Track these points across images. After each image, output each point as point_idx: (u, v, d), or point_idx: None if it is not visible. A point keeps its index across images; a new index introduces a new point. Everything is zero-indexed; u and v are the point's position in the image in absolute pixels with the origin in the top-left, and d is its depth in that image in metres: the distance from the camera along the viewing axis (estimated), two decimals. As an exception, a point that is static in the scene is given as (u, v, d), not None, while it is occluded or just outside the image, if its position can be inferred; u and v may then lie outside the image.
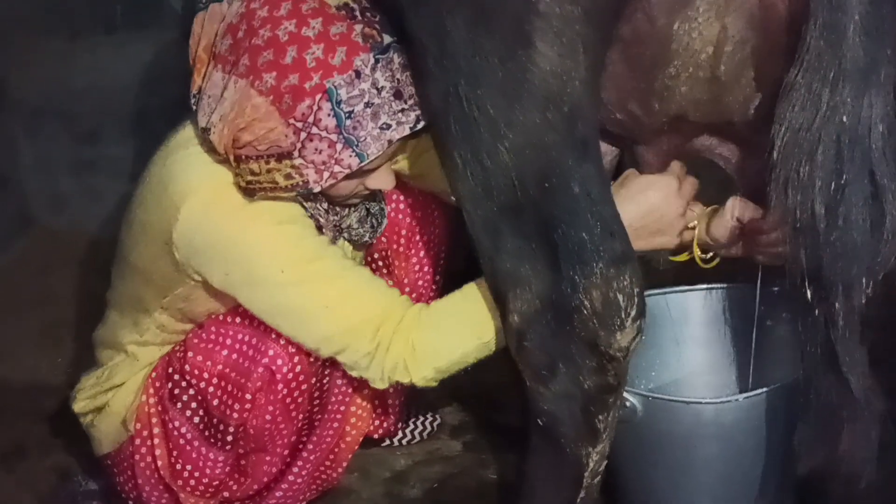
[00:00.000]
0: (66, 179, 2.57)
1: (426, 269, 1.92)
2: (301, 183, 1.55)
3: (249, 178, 1.57)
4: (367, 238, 1.77)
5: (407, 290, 1.88)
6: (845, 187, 1.32)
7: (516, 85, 1.34)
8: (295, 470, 1.82)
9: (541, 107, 1.34)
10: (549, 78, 1.33)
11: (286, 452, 1.79)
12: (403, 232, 1.89)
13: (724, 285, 1.82)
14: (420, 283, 1.92)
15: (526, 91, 1.34)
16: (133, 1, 2.47)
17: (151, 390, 1.76)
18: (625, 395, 1.55)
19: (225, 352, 1.68)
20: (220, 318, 1.70)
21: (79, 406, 1.83)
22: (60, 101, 2.51)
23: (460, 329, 1.59)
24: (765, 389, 1.63)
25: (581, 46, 1.32)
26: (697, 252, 1.63)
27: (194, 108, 1.61)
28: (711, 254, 1.65)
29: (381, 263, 1.90)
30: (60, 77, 2.50)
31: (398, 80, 1.52)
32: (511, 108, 1.35)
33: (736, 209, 1.58)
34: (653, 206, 1.51)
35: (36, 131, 2.55)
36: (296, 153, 1.53)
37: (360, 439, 1.90)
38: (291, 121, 1.52)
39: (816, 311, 1.39)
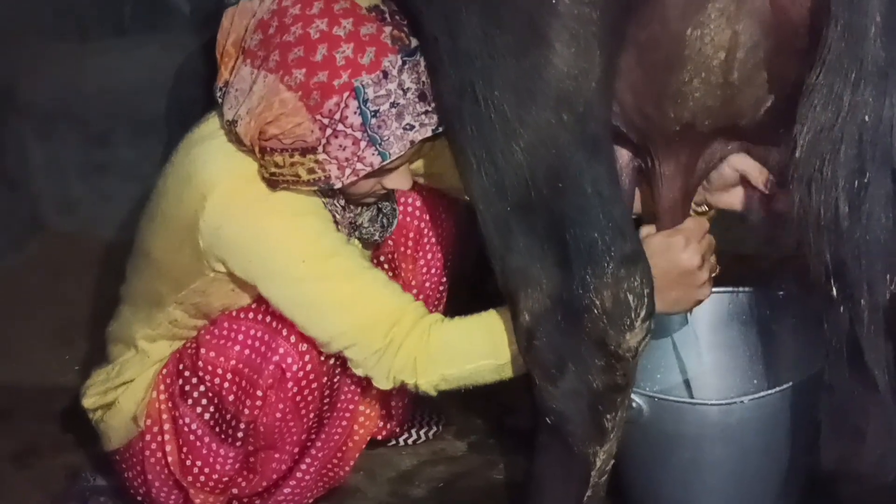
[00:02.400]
0: (77, 182, 2.58)
1: (434, 271, 1.93)
2: (323, 178, 1.58)
3: (273, 169, 1.59)
4: (376, 237, 1.79)
5: (414, 291, 1.90)
6: (868, 185, 1.33)
7: (531, 84, 1.35)
8: (303, 467, 1.83)
9: (555, 106, 1.36)
10: (565, 78, 1.34)
11: (295, 450, 1.80)
12: (411, 234, 1.91)
13: (731, 289, 1.84)
14: (427, 285, 1.93)
15: (540, 91, 1.35)
16: (142, 3, 2.48)
17: (162, 387, 1.78)
18: (631, 395, 1.56)
19: (237, 347, 1.70)
20: (233, 314, 1.72)
21: (89, 402, 1.84)
22: (71, 104, 2.52)
23: (478, 343, 1.60)
24: (770, 391, 1.65)
25: (597, 47, 1.34)
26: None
27: (220, 100, 1.63)
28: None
29: (387, 266, 1.92)
30: (71, 80, 2.51)
31: (423, 82, 1.55)
32: (525, 107, 1.36)
33: (741, 162, 1.57)
34: (670, 265, 1.52)
35: (47, 134, 2.56)
36: (320, 148, 1.56)
37: (368, 439, 1.91)
38: (318, 117, 1.54)
39: (841, 309, 1.40)
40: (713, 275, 1.61)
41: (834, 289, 1.39)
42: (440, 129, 1.56)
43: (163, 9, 2.49)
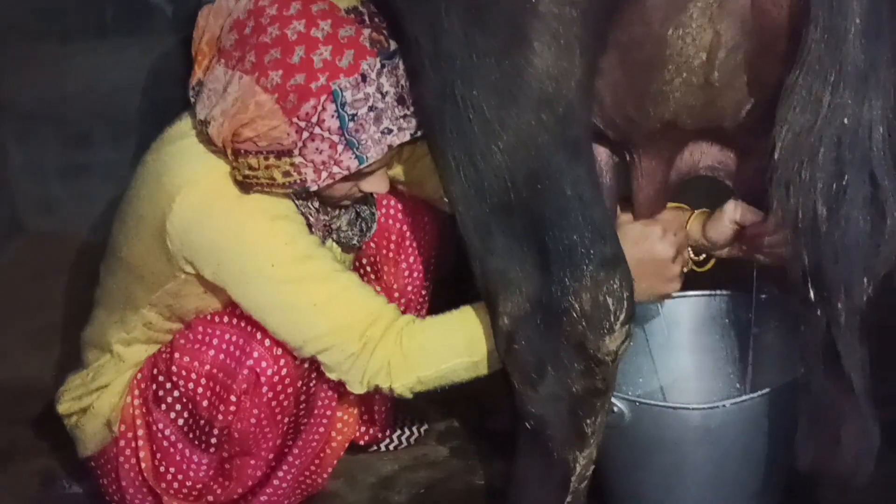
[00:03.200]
0: (57, 184, 2.56)
1: (416, 274, 1.92)
2: (298, 181, 1.56)
3: (247, 172, 1.58)
4: (355, 241, 1.77)
5: (396, 295, 1.89)
6: (846, 188, 1.34)
7: (512, 85, 1.35)
8: (280, 474, 1.82)
9: (535, 108, 1.35)
10: (545, 79, 1.34)
11: (271, 456, 1.78)
12: (393, 237, 1.89)
13: (712, 292, 1.84)
14: (409, 288, 1.92)
15: (521, 92, 1.35)
16: (124, 5, 2.47)
17: (136, 392, 1.76)
18: (612, 400, 1.56)
19: (212, 352, 1.69)
20: (208, 317, 1.70)
21: (63, 407, 1.82)
22: (51, 105, 2.50)
23: (452, 342, 1.60)
24: (752, 395, 1.65)
25: (577, 49, 1.34)
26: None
27: (192, 99, 1.62)
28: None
29: (369, 269, 1.91)
30: (51, 81, 2.50)
31: (402, 86, 1.54)
32: (506, 108, 1.36)
33: (736, 213, 1.59)
34: (644, 254, 1.53)
35: (27, 135, 2.54)
36: (296, 151, 1.54)
37: (347, 444, 1.90)
38: (295, 119, 1.53)
39: (818, 311, 1.40)
40: (685, 270, 1.60)
41: (811, 291, 1.39)
42: (419, 134, 1.56)
43: (144, 10, 2.48)
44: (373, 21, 1.56)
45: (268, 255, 1.59)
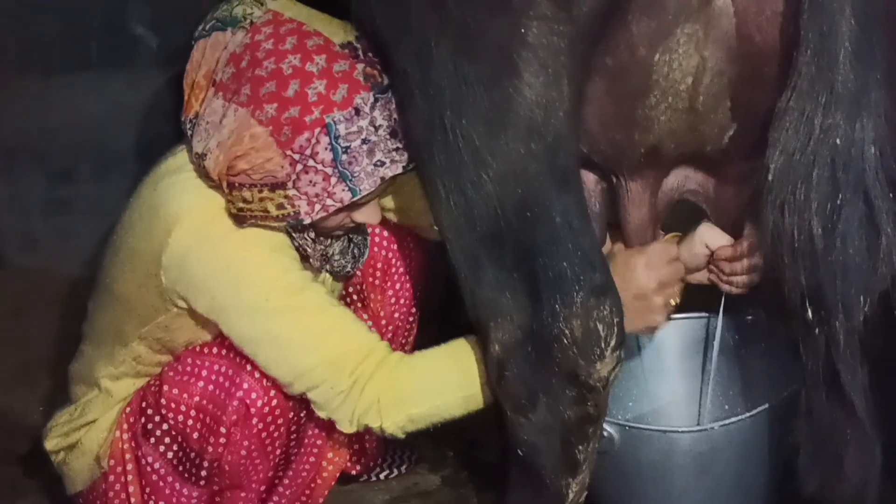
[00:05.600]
0: (40, 219, 2.54)
1: (402, 302, 1.92)
2: (292, 213, 1.57)
3: (241, 205, 1.58)
4: (348, 269, 1.77)
5: (383, 322, 1.89)
6: (841, 208, 1.35)
7: (501, 114, 1.36)
8: (271, 506, 1.81)
9: (524, 136, 1.37)
10: (534, 108, 1.35)
11: (262, 488, 1.77)
12: (379, 265, 1.90)
13: (700, 315, 1.85)
14: (396, 315, 1.92)
15: (510, 121, 1.36)
16: (109, 38, 2.47)
17: (125, 426, 1.75)
18: (603, 425, 1.56)
19: (201, 383, 1.68)
20: (197, 349, 1.70)
21: (51, 444, 1.81)
22: (34, 139, 2.49)
23: (445, 378, 1.59)
24: (740, 417, 1.65)
25: (565, 77, 1.35)
26: None
27: (188, 133, 1.62)
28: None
29: (356, 297, 1.91)
30: (34, 115, 2.48)
31: (395, 119, 1.55)
32: (495, 137, 1.37)
33: (706, 236, 1.61)
34: (625, 283, 1.52)
35: (9, 170, 2.52)
36: (290, 184, 1.55)
37: (337, 475, 1.89)
38: (289, 152, 1.54)
39: (817, 332, 1.41)
40: (673, 304, 1.60)
41: (809, 312, 1.40)
42: (411, 167, 1.56)
43: (129, 44, 2.48)
44: (366, 56, 1.57)
45: (262, 288, 1.59)
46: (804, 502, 1.55)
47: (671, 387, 1.85)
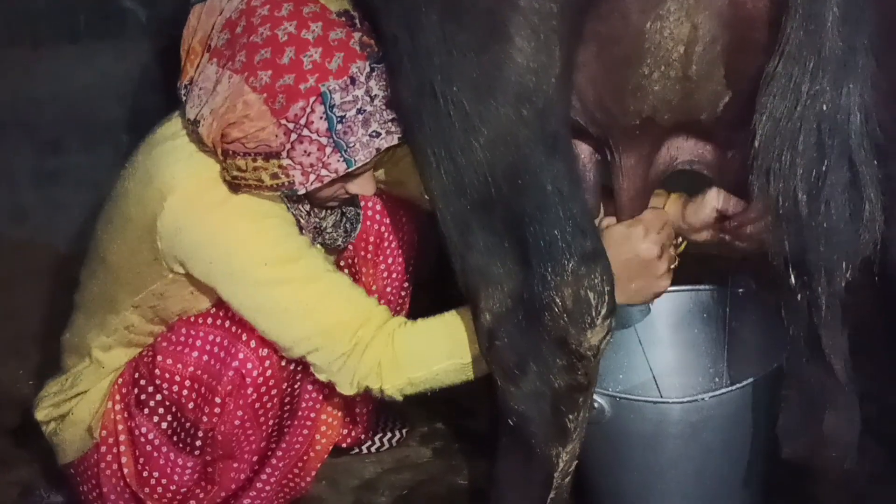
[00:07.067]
0: (29, 191, 2.54)
1: (395, 276, 1.92)
2: (286, 183, 1.56)
3: (235, 173, 1.57)
4: (340, 242, 1.77)
5: (375, 296, 1.88)
6: (826, 174, 1.34)
7: (491, 80, 1.35)
8: (263, 477, 1.81)
9: (514, 102, 1.35)
10: (525, 73, 1.34)
11: (254, 459, 1.77)
12: (371, 238, 1.89)
13: (692, 287, 1.85)
14: (388, 289, 1.92)
15: (500, 86, 1.34)
16: (97, 10, 2.45)
17: (118, 396, 1.74)
18: (593, 395, 1.56)
19: (195, 353, 1.67)
20: (191, 319, 1.69)
21: (42, 414, 1.80)
22: (23, 110, 2.49)
23: (443, 344, 1.59)
24: (730, 388, 1.66)
25: (556, 42, 1.34)
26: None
27: (183, 98, 1.60)
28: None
29: (347, 271, 1.90)
30: (23, 87, 2.48)
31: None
32: (485, 102, 1.35)
33: (719, 200, 1.60)
34: (629, 255, 1.53)
35: (-3, 142, 2.53)
36: (284, 153, 1.54)
37: (330, 448, 1.89)
38: (283, 121, 1.52)
39: (799, 297, 1.41)
40: (672, 266, 1.61)
41: (792, 276, 1.40)
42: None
43: (117, 15, 2.47)
44: (363, 25, 1.56)
45: (259, 255, 1.58)
46: (791, 467, 1.56)
47: (662, 359, 1.85)
